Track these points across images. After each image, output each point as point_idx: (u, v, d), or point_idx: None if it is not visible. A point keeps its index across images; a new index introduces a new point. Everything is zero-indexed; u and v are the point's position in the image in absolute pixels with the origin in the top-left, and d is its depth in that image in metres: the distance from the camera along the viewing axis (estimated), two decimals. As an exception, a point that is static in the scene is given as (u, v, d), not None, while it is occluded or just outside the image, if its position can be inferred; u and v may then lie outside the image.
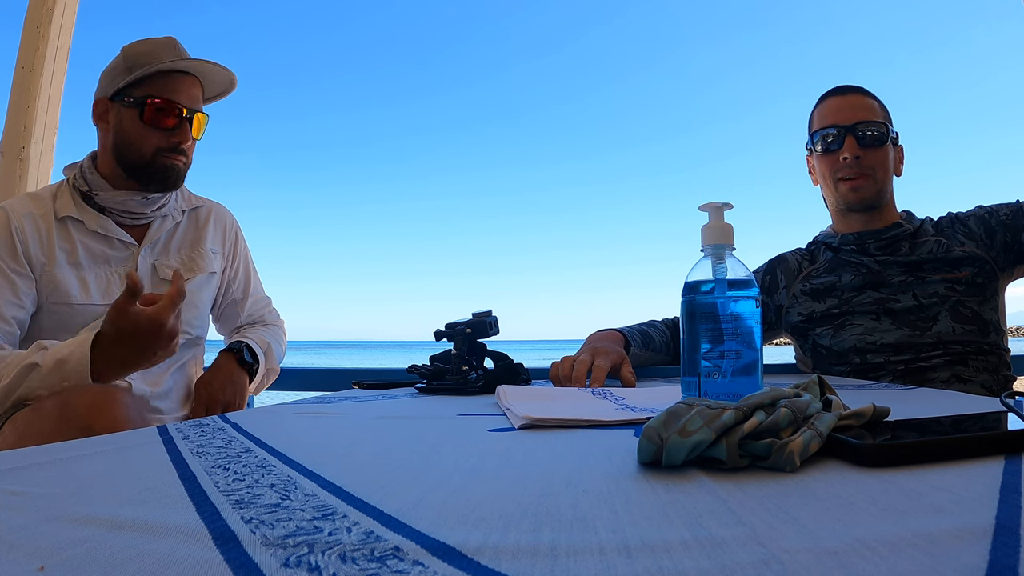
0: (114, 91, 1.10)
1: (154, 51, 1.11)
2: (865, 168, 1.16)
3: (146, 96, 1.08)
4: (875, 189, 1.17)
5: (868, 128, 1.16)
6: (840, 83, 1.25)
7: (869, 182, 1.17)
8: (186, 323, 1.17)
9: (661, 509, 0.28)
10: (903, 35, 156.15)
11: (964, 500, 0.28)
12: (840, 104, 1.20)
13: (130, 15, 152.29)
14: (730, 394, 0.59)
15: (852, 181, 1.17)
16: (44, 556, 0.24)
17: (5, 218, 1.06)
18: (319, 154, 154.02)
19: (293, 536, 0.26)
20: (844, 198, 1.19)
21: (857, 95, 1.20)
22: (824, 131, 1.19)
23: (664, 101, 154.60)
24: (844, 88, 1.22)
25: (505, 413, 0.65)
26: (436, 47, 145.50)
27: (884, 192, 1.19)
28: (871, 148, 1.16)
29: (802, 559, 0.22)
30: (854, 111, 1.17)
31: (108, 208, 1.12)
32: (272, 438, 0.52)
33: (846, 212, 1.22)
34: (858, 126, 1.16)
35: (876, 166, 1.17)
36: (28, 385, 0.91)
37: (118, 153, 1.11)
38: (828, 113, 1.20)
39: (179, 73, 1.12)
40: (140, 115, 1.09)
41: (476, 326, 0.98)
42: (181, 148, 1.12)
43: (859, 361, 1.14)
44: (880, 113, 1.19)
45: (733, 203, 0.64)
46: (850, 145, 1.16)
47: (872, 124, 1.16)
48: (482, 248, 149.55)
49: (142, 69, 1.08)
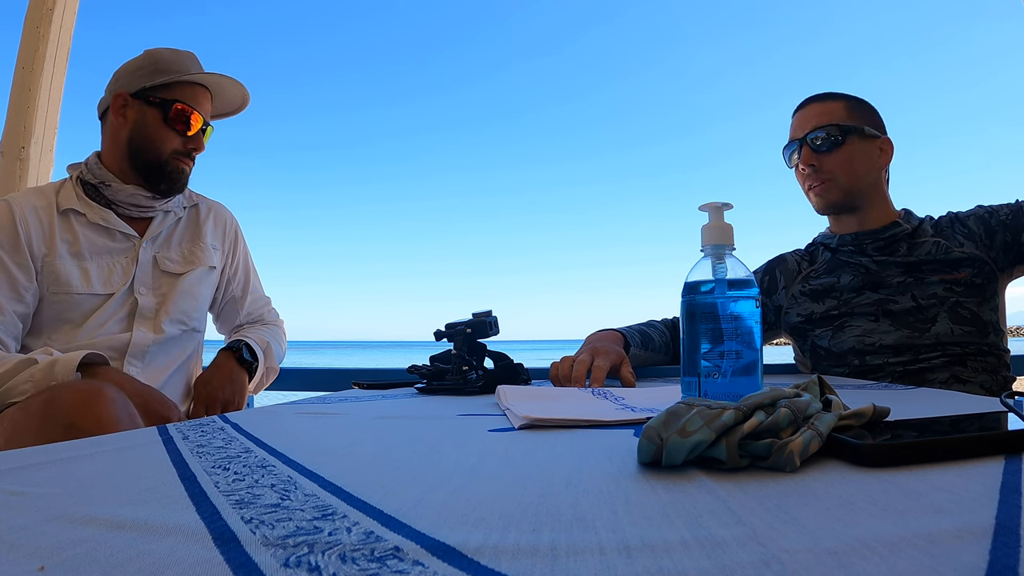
0: (138, 89, 1.13)
1: (180, 60, 1.16)
2: (824, 173, 1.18)
3: (174, 99, 1.13)
4: (840, 191, 1.18)
5: (820, 133, 1.17)
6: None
7: (831, 186, 1.18)
8: (184, 314, 1.18)
9: (661, 509, 0.28)
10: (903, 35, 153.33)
11: (964, 500, 0.28)
12: (798, 119, 1.23)
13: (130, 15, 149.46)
14: (730, 394, 0.59)
15: (815, 188, 1.20)
16: (44, 556, 0.24)
17: (8, 210, 1.07)
18: (319, 154, 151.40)
19: (293, 536, 0.26)
20: (815, 205, 1.23)
21: (816, 103, 1.21)
22: (787, 148, 1.25)
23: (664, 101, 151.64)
24: (806, 100, 1.24)
25: (505, 413, 0.65)
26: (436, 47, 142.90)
27: (855, 191, 1.18)
28: (825, 153, 1.17)
29: (802, 559, 0.22)
30: (808, 121, 1.20)
31: (115, 201, 1.14)
32: (272, 438, 0.52)
33: (829, 216, 1.26)
34: (809, 135, 1.18)
35: (835, 168, 1.17)
36: (17, 379, 0.94)
37: (133, 147, 1.13)
38: (791, 129, 1.25)
39: (200, 86, 1.17)
40: (164, 116, 1.12)
41: (476, 326, 0.98)
42: (193, 155, 1.17)
43: (858, 363, 1.14)
44: (840, 114, 1.18)
45: (733, 203, 0.64)
46: (805, 155, 1.19)
47: (824, 128, 1.17)
48: (482, 248, 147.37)
49: (173, 74, 1.13)
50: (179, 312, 1.17)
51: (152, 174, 1.14)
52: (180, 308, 1.17)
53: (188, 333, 1.20)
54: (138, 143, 1.13)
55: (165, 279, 1.17)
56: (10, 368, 0.94)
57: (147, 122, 1.13)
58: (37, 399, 0.86)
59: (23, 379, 0.93)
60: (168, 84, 1.13)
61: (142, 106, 1.13)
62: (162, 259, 1.17)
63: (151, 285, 1.15)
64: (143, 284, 1.14)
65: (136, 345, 1.10)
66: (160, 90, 1.13)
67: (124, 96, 1.13)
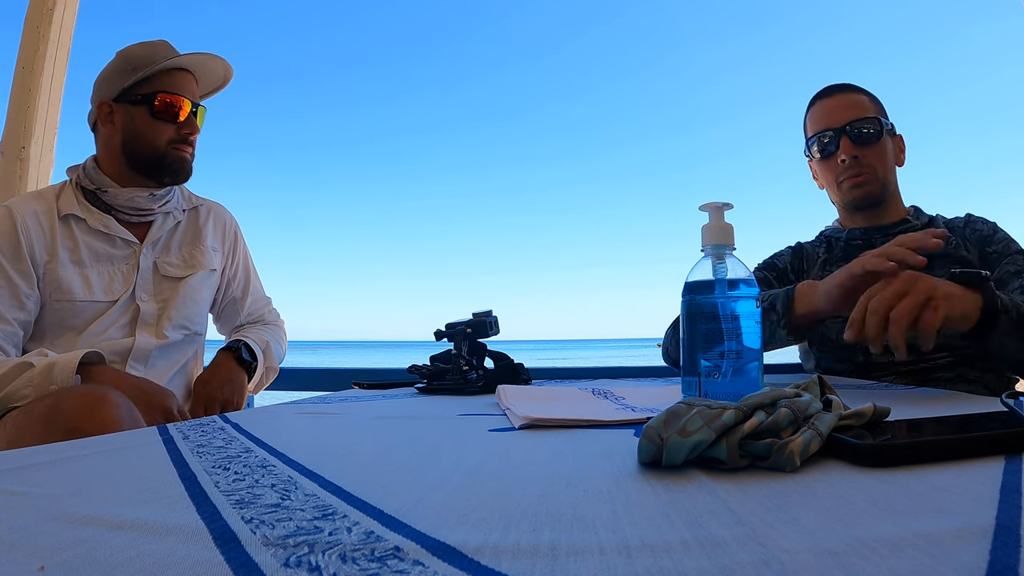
0: (119, 92, 1.12)
1: (153, 51, 1.13)
2: (864, 167, 1.16)
3: (155, 92, 1.11)
4: (878, 184, 1.17)
5: (861, 126, 1.15)
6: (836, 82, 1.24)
7: (871, 179, 1.16)
8: (186, 319, 1.18)
9: (661, 509, 0.28)
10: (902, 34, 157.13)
11: (964, 500, 0.28)
12: (830, 106, 1.19)
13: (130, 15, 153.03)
14: (730, 394, 0.59)
15: (854, 179, 1.17)
16: (44, 556, 0.24)
17: (9, 216, 1.06)
18: (319, 154, 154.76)
19: (293, 536, 0.26)
20: (849, 197, 1.19)
21: (845, 93, 1.19)
22: (818, 136, 1.20)
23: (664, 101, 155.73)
24: (832, 88, 1.22)
25: (505, 413, 0.65)
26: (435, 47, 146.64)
27: (888, 185, 1.18)
28: (867, 145, 1.15)
29: (802, 559, 0.22)
30: (844, 111, 1.17)
31: (114, 206, 1.13)
32: (272, 438, 0.52)
33: (853, 211, 1.22)
34: (850, 125, 1.15)
35: (875, 162, 1.16)
36: (16, 383, 0.93)
37: (129, 150, 1.13)
38: (820, 117, 1.20)
39: (178, 70, 1.15)
40: (151, 111, 1.11)
41: (476, 326, 0.98)
42: (190, 140, 1.16)
43: (863, 359, 1.14)
44: (871, 108, 1.18)
45: (733, 203, 0.64)
46: (846, 146, 1.15)
47: (864, 121, 1.15)
48: (482, 248, 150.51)
49: (148, 68, 1.11)
50: (181, 317, 1.16)
51: (153, 170, 1.13)
52: (182, 313, 1.17)
53: (190, 337, 1.20)
54: (132, 144, 1.12)
55: (166, 284, 1.16)
56: (7, 372, 0.94)
57: (136, 122, 1.12)
58: (40, 403, 0.86)
59: (22, 384, 0.93)
60: (146, 78, 1.11)
61: (127, 108, 1.12)
62: (163, 264, 1.17)
63: (152, 291, 1.14)
64: (144, 291, 1.13)
65: (139, 350, 1.10)
66: (140, 86, 1.11)
67: (108, 103, 1.13)
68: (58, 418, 0.81)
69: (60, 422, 0.81)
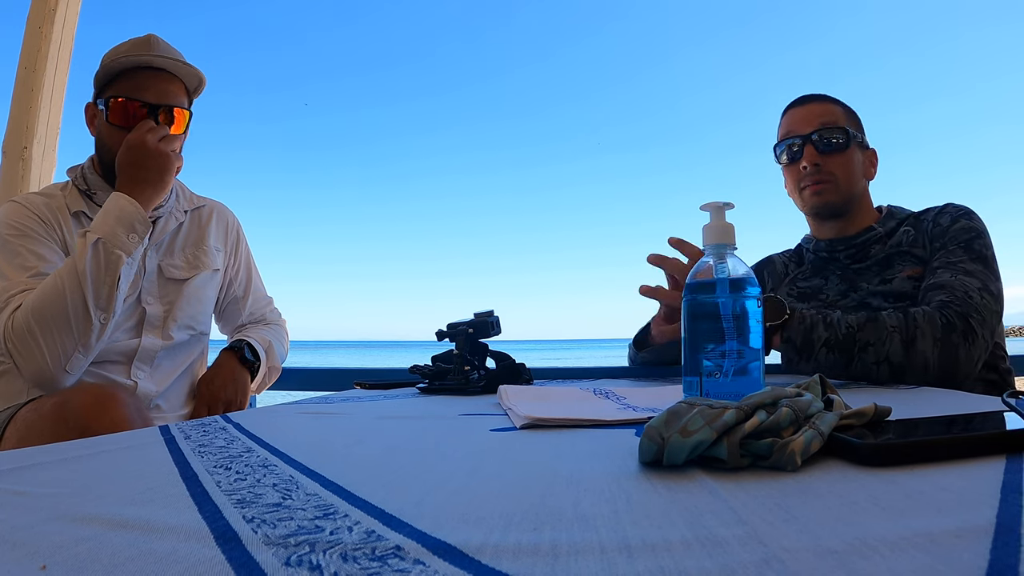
0: (95, 95, 1.11)
1: (123, 50, 1.09)
2: (825, 175, 1.16)
3: (110, 96, 1.08)
4: (839, 195, 1.16)
5: (827, 135, 1.15)
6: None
7: (831, 187, 1.16)
8: (191, 319, 1.17)
9: (662, 509, 0.28)
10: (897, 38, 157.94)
11: (965, 500, 0.28)
12: (799, 114, 1.20)
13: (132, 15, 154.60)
14: (731, 393, 0.59)
15: (814, 187, 1.17)
16: (46, 555, 0.24)
17: (24, 208, 1.06)
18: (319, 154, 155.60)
19: (295, 535, 0.26)
20: (809, 204, 1.19)
21: (816, 103, 1.20)
22: (786, 142, 1.20)
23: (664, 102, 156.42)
24: (805, 98, 1.22)
25: (507, 413, 0.65)
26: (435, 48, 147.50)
27: (851, 198, 1.17)
28: (831, 154, 1.15)
29: (803, 558, 0.22)
30: (812, 119, 1.17)
31: None
32: (274, 438, 0.52)
33: (816, 218, 1.23)
34: (817, 134, 1.16)
35: (837, 171, 1.15)
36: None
37: (99, 156, 1.12)
38: (788, 124, 1.21)
39: (148, 70, 1.08)
40: (107, 115, 1.08)
41: (478, 326, 0.98)
42: None
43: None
44: (842, 119, 1.18)
45: (734, 203, 0.64)
46: (809, 153, 1.16)
47: (831, 130, 1.15)
48: (484, 248, 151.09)
49: (110, 69, 1.07)
50: (187, 318, 1.16)
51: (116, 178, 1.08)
52: (187, 314, 1.16)
53: (196, 337, 1.20)
54: (99, 150, 1.11)
55: (171, 286, 1.16)
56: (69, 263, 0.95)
57: (100, 127, 1.10)
58: (50, 401, 0.86)
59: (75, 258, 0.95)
60: (112, 80, 1.08)
61: (97, 111, 1.11)
62: (166, 266, 1.16)
63: (157, 294, 1.14)
64: (150, 293, 1.12)
65: (145, 351, 1.10)
66: (106, 90, 1.08)
67: (91, 107, 1.12)
68: (68, 417, 0.82)
69: (70, 421, 0.81)
